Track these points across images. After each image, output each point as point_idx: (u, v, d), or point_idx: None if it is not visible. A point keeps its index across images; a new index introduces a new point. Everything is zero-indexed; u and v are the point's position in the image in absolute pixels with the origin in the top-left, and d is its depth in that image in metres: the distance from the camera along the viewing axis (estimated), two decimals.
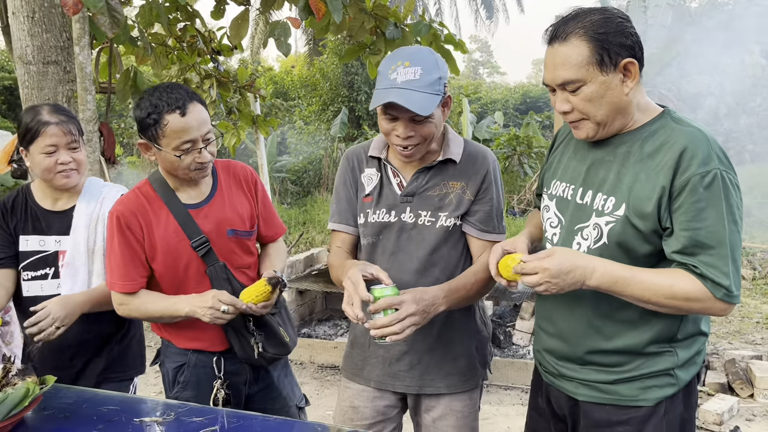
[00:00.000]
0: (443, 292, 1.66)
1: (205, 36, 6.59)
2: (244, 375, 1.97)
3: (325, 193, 12.86)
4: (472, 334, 1.87)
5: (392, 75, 1.65)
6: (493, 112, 15.55)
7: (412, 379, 1.86)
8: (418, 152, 1.74)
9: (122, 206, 1.87)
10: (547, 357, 1.67)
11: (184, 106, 1.74)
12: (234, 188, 1.98)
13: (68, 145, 2.01)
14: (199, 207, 1.90)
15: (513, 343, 4.72)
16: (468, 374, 1.86)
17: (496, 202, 1.82)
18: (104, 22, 3.87)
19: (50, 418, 1.63)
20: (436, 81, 1.66)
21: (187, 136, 1.75)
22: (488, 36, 42.12)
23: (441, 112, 1.71)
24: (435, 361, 1.84)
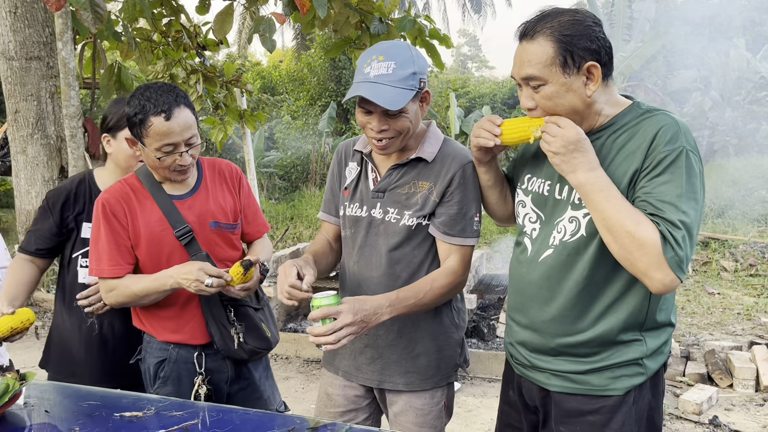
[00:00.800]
0: (388, 301, 1.65)
1: (190, 31, 6.56)
2: (226, 372, 1.98)
3: (312, 188, 12.86)
4: (437, 334, 1.84)
5: (366, 69, 1.67)
6: (482, 107, 15.57)
7: (373, 372, 1.88)
8: (393, 146, 1.75)
9: (108, 194, 1.89)
10: (519, 349, 1.69)
11: (169, 110, 1.75)
12: (218, 183, 2.01)
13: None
14: (184, 198, 1.93)
15: (497, 335, 4.76)
16: (428, 374, 1.84)
17: (464, 206, 1.77)
18: (87, 17, 3.85)
19: (31, 413, 1.64)
20: (409, 76, 1.66)
21: (169, 139, 1.77)
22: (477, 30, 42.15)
23: (418, 107, 1.73)
24: (395, 357, 1.85)
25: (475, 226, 1.79)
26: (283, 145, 14.82)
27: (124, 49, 6.02)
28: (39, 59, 4.87)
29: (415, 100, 1.70)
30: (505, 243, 8.53)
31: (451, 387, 1.92)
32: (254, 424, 1.58)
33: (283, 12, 5.60)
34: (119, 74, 5.73)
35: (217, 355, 1.95)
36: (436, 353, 1.84)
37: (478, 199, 1.80)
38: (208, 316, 1.91)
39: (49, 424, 1.57)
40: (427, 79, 1.74)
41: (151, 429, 1.54)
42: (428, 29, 6.23)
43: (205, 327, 1.93)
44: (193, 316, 1.92)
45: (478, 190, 1.79)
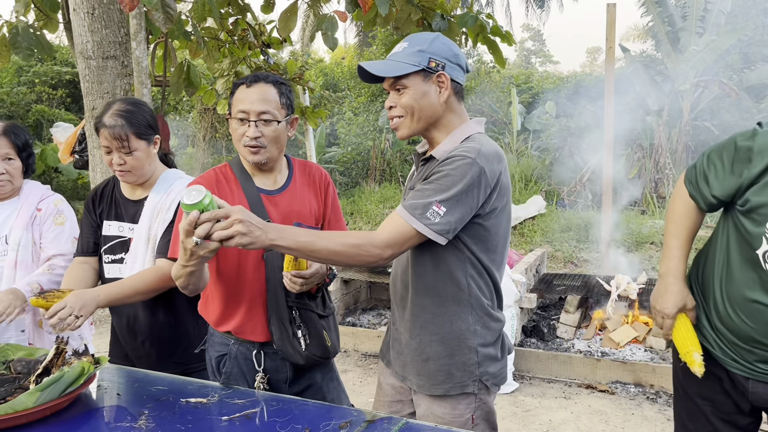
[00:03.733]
0: (277, 227, 1.55)
1: (256, 29, 6.71)
2: (284, 373, 1.98)
3: (372, 184, 12.92)
4: (447, 339, 1.77)
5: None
6: (545, 103, 15.24)
7: (398, 367, 1.89)
8: (404, 128, 1.75)
9: (200, 179, 1.96)
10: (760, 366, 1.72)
11: (253, 81, 1.87)
12: (307, 185, 2.03)
13: (119, 149, 2.09)
14: (272, 194, 1.96)
15: (557, 336, 4.67)
16: (438, 379, 1.78)
17: (431, 190, 1.63)
18: (158, 17, 4.01)
19: (104, 396, 1.72)
20: (414, 53, 1.69)
21: (243, 105, 1.85)
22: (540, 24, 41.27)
23: (431, 90, 1.71)
24: (410, 358, 1.83)
25: (429, 215, 1.60)
26: (344, 141, 14.95)
27: (193, 47, 6.22)
28: (115, 58, 5.10)
29: (423, 78, 1.70)
30: (567, 243, 8.33)
31: (480, 400, 1.80)
32: (312, 414, 1.60)
33: (346, 10, 5.65)
34: (188, 72, 5.92)
35: (276, 355, 1.96)
36: (447, 359, 1.77)
37: (457, 197, 1.62)
38: (271, 314, 1.92)
39: (121, 407, 1.64)
40: (445, 64, 1.72)
41: (214, 415, 1.59)
42: (490, 26, 6.15)
43: (266, 324, 1.93)
44: (258, 313, 1.93)
45: (464, 187, 1.62)
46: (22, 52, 5.15)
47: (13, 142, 2.24)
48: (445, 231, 1.62)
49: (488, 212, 1.70)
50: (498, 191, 1.69)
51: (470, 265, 1.74)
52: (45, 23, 5.56)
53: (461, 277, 1.74)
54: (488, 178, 1.64)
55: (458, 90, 1.78)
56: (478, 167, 1.62)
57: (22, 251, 2.29)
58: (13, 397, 1.50)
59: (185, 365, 2.20)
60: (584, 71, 26.10)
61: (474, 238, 1.72)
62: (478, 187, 1.63)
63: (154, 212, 2.16)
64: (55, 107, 13.95)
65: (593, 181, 10.75)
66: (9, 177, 2.27)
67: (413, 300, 1.82)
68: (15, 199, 2.36)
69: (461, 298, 1.76)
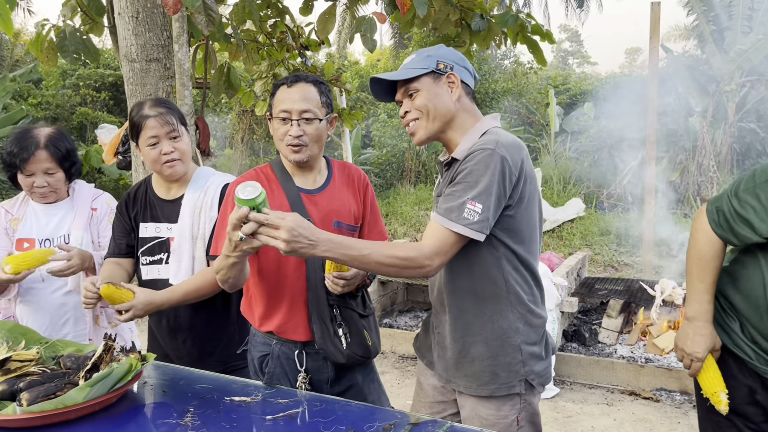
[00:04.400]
0: (327, 239, 1.55)
1: (294, 32, 6.76)
2: (326, 373, 1.98)
3: (407, 186, 12.90)
4: (490, 339, 1.75)
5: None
6: (584, 104, 15.00)
7: (441, 370, 1.87)
8: (421, 130, 1.78)
9: (240, 178, 1.98)
10: None
11: (294, 81, 1.90)
12: (346, 185, 2.04)
13: (168, 135, 2.10)
14: (312, 193, 1.97)
15: (599, 341, 4.57)
16: (483, 379, 1.76)
17: (462, 188, 1.63)
18: (201, 20, 4.06)
19: (150, 392, 1.74)
20: (423, 58, 1.76)
21: (284, 105, 1.88)
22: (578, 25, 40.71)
23: (443, 90, 1.76)
24: (453, 361, 1.82)
25: (466, 214, 1.60)
26: (379, 142, 14.97)
27: (233, 50, 6.30)
28: (157, 61, 5.19)
29: (433, 80, 1.75)
30: (607, 246, 8.17)
31: (525, 401, 1.79)
32: (356, 416, 1.59)
33: (384, 11, 5.65)
34: (228, 74, 5.99)
35: (317, 355, 1.96)
36: (490, 359, 1.75)
37: (487, 189, 1.61)
38: (312, 312, 1.92)
39: (166, 404, 1.65)
40: (453, 65, 1.77)
41: (258, 414, 1.59)
42: (530, 25, 6.08)
43: (308, 324, 1.94)
44: (299, 312, 1.94)
45: (491, 178, 1.61)
46: (69, 55, 5.29)
47: (52, 155, 2.24)
48: (484, 228, 1.62)
49: (517, 202, 1.68)
50: (524, 179, 1.68)
51: (506, 261, 1.73)
52: (91, 27, 5.70)
53: (498, 274, 1.73)
54: (511, 166, 1.64)
55: (469, 92, 1.82)
56: (499, 156, 1.62)
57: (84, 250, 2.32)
58: (63, 392, 1.52)
59: (226, 363, 2.21)
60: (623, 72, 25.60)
61: (506, 231, 1.71)
62: (503, 177, 1.63)
63: (194, 210, 2.18)
64: (99, 110, 14.32)
65: (633, 184, 10.53)
66: (51, 188, 2.30)
67: (452, 303, 1.80)
68: (67, 200, 2.40)
69: (500, 296, 1.74)
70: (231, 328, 2.25)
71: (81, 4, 5.49)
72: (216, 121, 13.39)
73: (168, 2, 3.79)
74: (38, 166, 2.24)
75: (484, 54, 13.37)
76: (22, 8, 15.88)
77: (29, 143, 2.22)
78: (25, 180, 2.26)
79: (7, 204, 2.40)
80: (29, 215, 2.37)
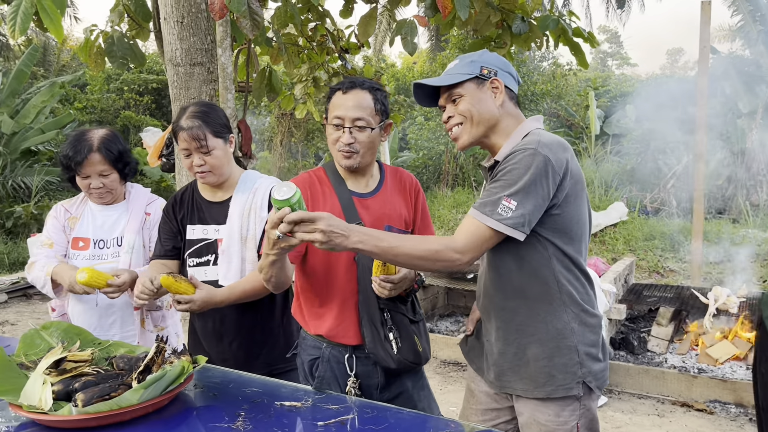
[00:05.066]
0: (360, 231, 1.57)
1: (334, 35, 6.78)
2: (376, 378, 1.96)
3: (444, 189, 12.82)
4: (545, 340, 1.72)
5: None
6: (624, 106, 14.69)
7: (494, 377, 1.83)
8: (464, 135, 1.77)
9: (295, 179, 1.99)
10: None
11: (349, 87, 1.89)
12: (397, 190, 2.04)
13: (198, 149, 2.11)
14: (364, 197, 1.96)
15: (648, 349, 4.43)
16: (539, 381, 1.73)
17: (500, 186, 1.62)
18: (246, 24, 4.09)
19: (201, 395, 1.73)
20: (466, 64, 1.75)
21: (338, 111, 1.88)
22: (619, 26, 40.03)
23: (486, 96, 1.74)
24: (507, 365, 1.78)
25: (501, 211, 1.59)
26: (415, 145, 14.93)
27: (274, 53, 6.35)
28: (201, 65, 5.26)
29: (477, 85, 1.73)
30: (652, 252, 7.96)
31: (584, 407, 1.74)
32: (408, 424, 1.56)
33: (425, 14, 5.61)
34: (270, 78, 6.04)
35: (367, 359, 1.94)
36: (547, 361, 1.72)
37: (525, 188, 1.59)
38: (363, 316, 1.91)
39: (217, 407, 1.64)
40: (497, 71, 1.76)
41: (308, 420, 1.57)
42: (571, 29, 5.97)
43: (358, 327, 1.92)
44: (350, 315, 1.93)
45: (531, 178, 1.59)
46: (117, 60, 5.39)
47: (105, 157, 2.28)
48: (519, 224, 1.59)
49: (564, 201, 1.66)
50: (569, 177, 1.66)
51: (556, 261, 1.70)
52: (137, 32, 5.81)
53: (548, 274, 1.71)
54: (554, 165, 1.61)
55: (513, 96, 1.80)
56: (542, 156, 1.59)
57: (135, 254, 2.37)
58: (117, 393, 1.53)
59: (271, 366, 2.20)
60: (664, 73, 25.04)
61: (554, 231, 1.68)
62: (546, 176, 1.60)
63: (243, 212, 2.18)
64: (141, 113, 14.65)
65: (678, 188, 10.26)
66: (107, 189, 2.34)
67: (502, 305, 1.78)
68: (123, 203, 2.44)
69: (552, 297, 1.71)
70: (276, 331, 2.25)
71: (128, 10, 5.61)
72: (255, 123, 13.55)
73: (215, 7, 3.82)
74: (93, 168, 2.28)
75: (523, 56, 13.22)
76: (69, 15, 16.36)
77: (83, 146, 2.26)
78: (82, 182, 2.31)
79: (66, 203, 2.47)
80: (86, 215, 2.42)
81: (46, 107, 11.91)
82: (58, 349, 1.69)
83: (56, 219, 2.42)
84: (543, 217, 1.65)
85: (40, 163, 11.41)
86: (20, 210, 9.42)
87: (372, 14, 6.03)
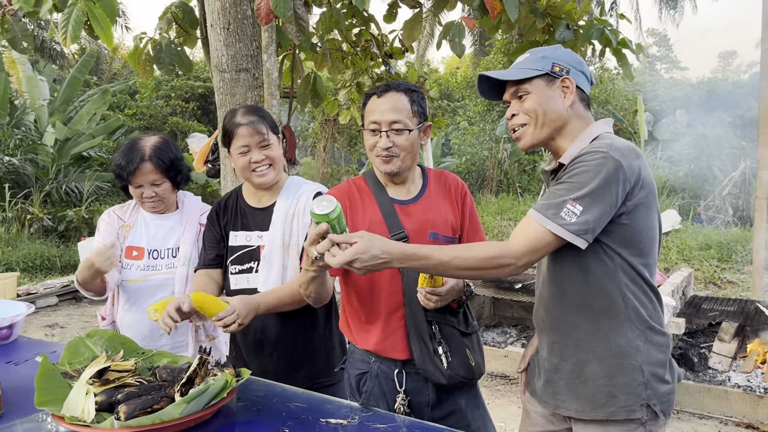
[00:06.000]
0: (399, 252, 1.49)
1: (379, 40, 6.74)
2: (426, 395, 1.87)
3: (488, 195, 12.64)
4: (606, 357, 1.61)
5: None
6: (675, 111, 14.24)
7: (548, 396, 1.72)
8: (527, 135, 1.67)
9: (333, 190, 1.95)
10: None
11: (384, 91, 1.86)
12: (442, 195, 1.95)
13: (259, 144, 2.09)
14: (406, 204, 1.89)
15: (709, 366, 4.21)
16: (598, 401, 1.61)
17: (564, 189, 1.52)
18: (291, 30, 4.06)
19: (244, 410, 1.68)
20: (537, 59, 1.66)
21: (374, 116, 1.84)
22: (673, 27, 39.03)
23: (556, 95, 1.64)
24: (563, 383, 1.67)
25: (564, 215, 1.48)
26: (458, 151, 14.80)
27: (318, 59, 6.35)
28: (246, 71, 5.28)
29: (546, 83, 1.64)
30: (708, 262, 7.63)
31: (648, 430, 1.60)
32: None
33: (473, 16, 5.51)
34: (314, 83, 6.03)
35: (417, 375, 1.86)
36: (607, 379, 1.60)
37: (593, 194, 1.48)
38: (410, 329, 1.83)
39: (261, 422, 1.59)
40: (570, 69, 1.65)
41: None
42: (617, 40, 5.79)
43: (406, 341, 1.84)
44: (397, 329, 1.85)
45: (600, 183, 1.48)
46: (165, 67, 5.45)
47: (157, 166, 2.24)
48: (582, 231, 1.48)
49: (633, 209, 1.55)
50: (640, 186, 1.55)
51: (623, 273, 1.59)
52: (185, 39, 5.88)
53: (614, 287, 1.59)
54: (626, 172, 1.51)
55: (584, 98, 1.70)
56: (614, 161, 1.49)
57: (191, 267, 2.32)
58: (159, 405, 1.50)
59: (312, 380, 2.14)
60: (716, 77, 24.24)
61: (622, 241, 1.57)
62: (616, 183, 1.49)
63: (286, 217, 2.14)
64: (188, 119, 14.94)
65: (735, 195, 9.84)
66: (159, 198, 2.31)
67: (561, 318, 1.67)
68: (176, 212, 2.41)
69: (617, 312, 1.60)
70: (318, 344, 2.19)
71: (176, 17, 5.67)
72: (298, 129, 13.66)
73: (261, 12, 3.81)
74: (144, 178, 2.25)
75: None
76: (120, 24, 16.85)
77: (134, 156, 2.23)
78: (135, 191, 2.29)
79: (118, 209, 2.43)
80: (140, 223, 2.39)
81: (97, 114, 12.27)
82: (101, 359, 1.67)
83: (110, 224, 2.38)
84: (610, 226, 1.54)
85: (91, 169, 11.74)
86: (72, 214, 9.68)
87: (417, 18, 5.96)
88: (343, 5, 5.85)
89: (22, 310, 2.43)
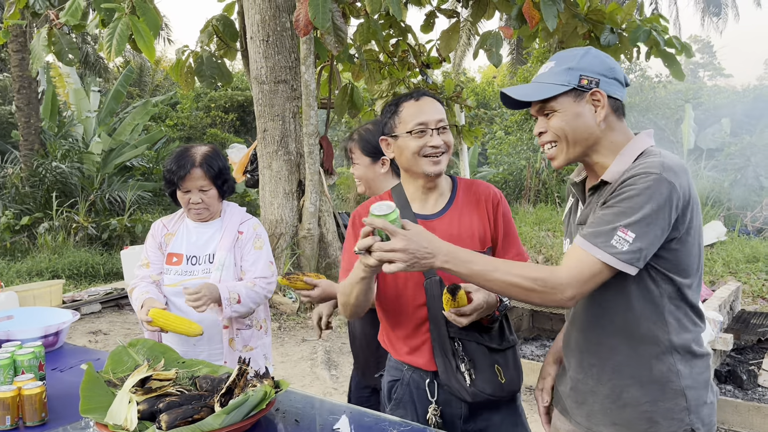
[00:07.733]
0: (447, 251, 1.45)
1: (415, 50, 6.74)
2: (458, 408, 1.83)
3: (526, 205, 12.49)
4: (646, 382, 1.53)
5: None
6: (720, 119, 13.86)
7: (581, 417, 1.64)
8: (560, 156, 1.56)
9: (360, 207, 1.93)
10: None
11: (418, 95, 1.86)
12: (472, 205, 1.89)
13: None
14: (430, 219, 1.85)
15: (758, 384, 4.04)
16: (640, 427, 1.53)
17: (614, 214, 1.43)
18: (330, 41, 4.11)
19: (283, 421, 1.69)
20: (562, 71, 1.53)
21: (420, 118, 1.81)
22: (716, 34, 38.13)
23: (586, 110, 1.52)
24: (598, 406, 1.59)
25: (615, 243, 1.40)
26: (495, 160, 14.68)
27: (356, 70, 6.39)
28: (285, 82, 5.34)
29: (574, 98, 1.51)
30: (756, 275, 7.37)
31: None
32: None
33: (511, 25, 5.48)
34: (352, 94, 6.08)
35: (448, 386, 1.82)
36: (649, 405, 1.52)
37: (646, 219, 1.40)
38: (435, 344, 1.80)
39: None
40: (599, 80, 1.52)
41: None
42: (664, 40, 5.66)
43: (432, 355, 1.81)
44: (424, 342, 1.82)
45: (654, 207, 1.40)
46: (206, 79, 5.58)
47: (206, 173, 2.33)
48: (635, 259, 1.40)
49: (684, 233, 1.46)
50: (692, 206, 1.46)
51: (668, 299, 1.50)
52: (225, 52, 6.01)
53: (658, 313, 1.51)
54: (679, 193, 1.42)
55: (617, 107, 1.57)
56: (668, 183, 1.40)
57: (226, 272, 2.38)
58: (199, 415, 1.51)
59: None
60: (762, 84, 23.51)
61: (670, 265, 1.48)
62: (669, 206, 1.41)
63: None
64: (226, 131, 15.20)
65: None
66: (205, 205, 2.38)
67: (599, 341, 1.59)
68: (218, 220, 2.47)
69: (659, 338, 1.51)
70: None
71: (217, 31, 5.80)
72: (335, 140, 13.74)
73: (299, 23, 3.86)
74: (194, 183, 2.33)
75: None
76: (162, 37, 17.29)
77: (186, 161, 2.32)
78: (183, 196, 2.36)
79: (166, 219, 2.54)
80: (182, 231, 2.47)
81: (140, 125, 12.59)
82: (143, 368, 1.69)
83: (153, 237, 2.48)
84: (660, 251, 1.46)
85: (133, 178, 12.03)
86: (115, 223, 9.92)
87: (454, 28, 5.96)
88: (380, 16, 5.89)
89: (68, 318, 2.49)
